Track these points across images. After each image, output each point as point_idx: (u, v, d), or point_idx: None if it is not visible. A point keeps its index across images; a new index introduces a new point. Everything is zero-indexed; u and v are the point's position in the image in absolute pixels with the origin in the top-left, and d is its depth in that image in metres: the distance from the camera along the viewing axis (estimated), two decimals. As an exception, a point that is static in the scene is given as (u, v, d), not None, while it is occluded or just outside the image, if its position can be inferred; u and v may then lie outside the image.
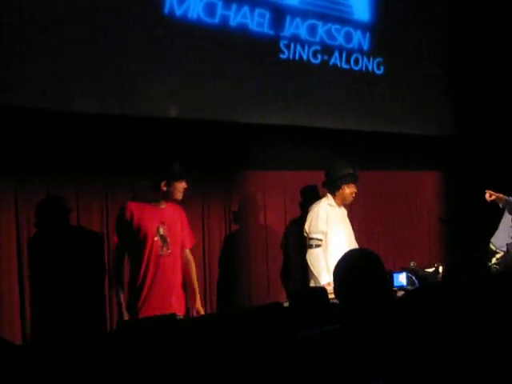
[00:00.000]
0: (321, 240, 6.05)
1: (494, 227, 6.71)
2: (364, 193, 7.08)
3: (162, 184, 4.96)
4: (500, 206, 6.60)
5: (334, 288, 3.01)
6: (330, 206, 6.17)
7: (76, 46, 5.20)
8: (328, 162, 6.46)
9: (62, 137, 5.26)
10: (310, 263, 6.05)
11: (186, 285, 5.25)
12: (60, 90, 5.16)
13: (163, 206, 5.05)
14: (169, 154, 5.56)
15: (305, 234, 6.15)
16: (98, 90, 5.37)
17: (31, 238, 5.24)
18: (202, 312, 5.29)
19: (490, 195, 6.50)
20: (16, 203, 5.17)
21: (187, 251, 5.30)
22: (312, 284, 6.08)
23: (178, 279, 5.13)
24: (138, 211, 4.95)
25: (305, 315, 3.63)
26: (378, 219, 7.58)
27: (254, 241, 6.62)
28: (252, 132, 6.41)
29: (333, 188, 6.19)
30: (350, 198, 6.23)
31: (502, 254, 6.35)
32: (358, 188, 6.25)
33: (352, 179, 6.16)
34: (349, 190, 6.17)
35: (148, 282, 4.94)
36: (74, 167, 5.40)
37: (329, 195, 6.21)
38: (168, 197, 5.02)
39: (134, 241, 4.96)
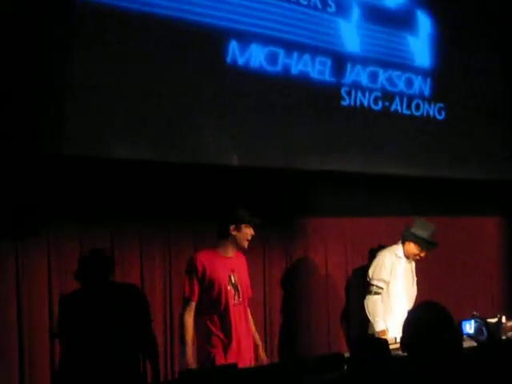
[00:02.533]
0: (381, 288, 6.02)
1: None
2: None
3: (231, 228, 4.95)
4: None
5: (402, 340, 2.99)
6: (397, 256, 6.13)
7: (139, 96, 5.27)
8: (388, 208, 6.44)
9: (124, 185, 5.32)
10: (367, 309, 6.04)
11: None
12: (123, 139, 5.24)
13: (231, 254, 5.04)
14: (230, 201, 5.63)
15: (367, 279, 6.12)
16: (161, 139, 5.44)
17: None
18: (266, 361, 5.27)
19: None
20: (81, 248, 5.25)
21: None
22: (369, 330, 6.05)
23: (250, 328, 5.14)
24: (209, 261, 4.93)
25: (367, 367, 3.60)
26: (439, 266, 7.47)
27: (314, 288, 6.59)
28: (313, 178, 6.41)
29: (403, 239, 6.15)
30: (412, 257, 6.18)
31: None
32: (426, 255, 6.18)
33: (422, 244, 6.09)
34: (413, 250, 6.12)
35: (226, 331, 4.93)
36: (136, 216, 5.46)
37: (400, 244, 6.18)
38: (236, 243, 5.00)
39: (207, 292, 4.93)
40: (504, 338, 5.48)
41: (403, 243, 6.15)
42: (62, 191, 5.00)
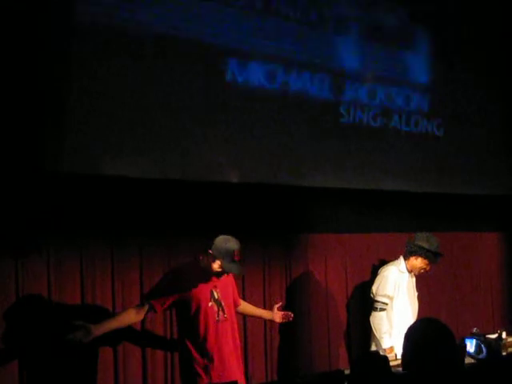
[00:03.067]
0: (386, 304, 6.02)
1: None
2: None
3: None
4: None
5: (402, 357, 3.00)
6: (400, 271, 6.13)
7: (137, 113, 5.29)
8: (387, 224, 6.46)
9: (125, 201, 5.34)
10: (372, 326, 6.02)
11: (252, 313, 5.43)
12: (121, 156, 5.25)
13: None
14: (231, 217, 5.66)
15: (371, 296, 6.12)
16: (160, 156, 5.46)
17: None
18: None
19: None
20: (81, 266, 5.25)
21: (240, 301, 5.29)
22: (373, 347, 6.04)
23: (236, 345, 5.00)
24: (189, 275, 4.84)
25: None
26: (439, 282, 7.49)
27: (314, 304, 6.60)
28: (312, 195, 6.43)
29: (407, 254, 6.15)
30: (416, 271, 6.18)
31: None
32: (431, 268, 6.19)
33: (430, 258, 6.10)
34: (419, 265, 6.12)
35: (207, 350, 4.79)
36: (136, 231, 5.47)
37: (401, 259, 6.18)
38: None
39: (186, 308, 4.82)
40: (504, 353, 5.47)
41: (408, 258, 6.14)
42: (61, 207, 5.02)
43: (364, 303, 6.73)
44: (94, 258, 5.32)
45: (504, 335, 5.67)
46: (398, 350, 5.42)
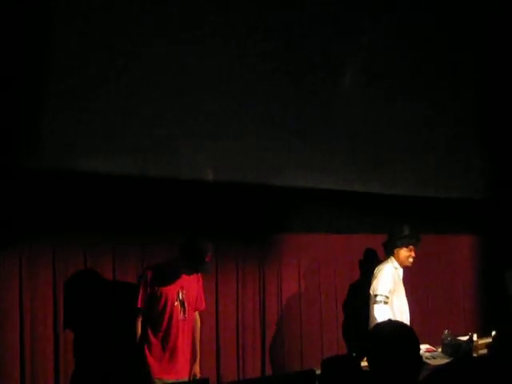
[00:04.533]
0: (388, 297, 6.09)
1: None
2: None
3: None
4: None
5: (368, 356, 3.05)
6: (395, 268, 6.23)
7: (115, 110, 5.32)
8: (361, 225, 6.49)
9: (98, 199, 5.34)
10: (376, 319, 6.02)
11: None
12: (98, 152, 5.25)
13: (184, 270, 5.17)
14: (205, 216, 5.66)
15: (371, 292, 6.17)
16: (138, 154, 5.47)
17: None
18: (198, 376, 5.40)
19: None
20: (54, 265, 5.23)
21: (197, 313, 5.43)
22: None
23: (188, 343, 5.28)
24: (160, 275, 5.10)
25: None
26: (411, 284, 7.53)
27: (288, 304, 6.60)
28: (287, 195, 6.43)
29: (390, 251, 6.26)
30: (406, 262, 6.26)
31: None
32: (416, 251, 6.25)
33: (406, 242, 6.18)
34: (404, 254, 6.21)
35: (164, 343, 5.11)
36: (111, 229, 5.46)
37: (392, 257, 6.26)
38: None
39: (155, 304, 5.10)
40: (475, 355, 5.51)
41: (393, 254, 6.23)
42: (35, 205, 5.01)
43: (337, 303, 6.78)
44: (67, 257, 5.31)
45: (475, 337, 5.73)
46: None
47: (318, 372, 4.12)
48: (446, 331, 5.72)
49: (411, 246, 6.21)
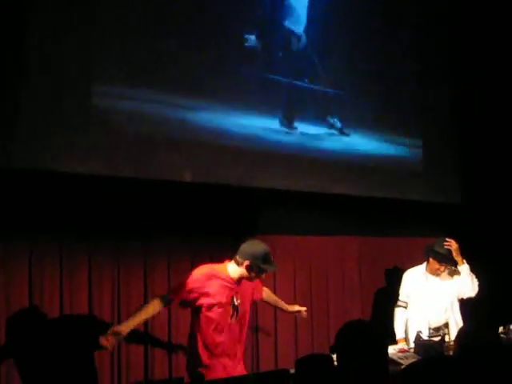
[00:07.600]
0: (404, 302, 6.43)
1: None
2: (365, 259, 7.28)
3: (245, 264, 4.94)
4: None
5: (337, 355, 3.15)
6: (420, 273, 6.41)
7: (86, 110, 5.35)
8: (337, 227, 6.54)
9: (74, 199, 5.34)
10: (394, 321, 6.45)
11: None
12: (72, 152, 5.28)
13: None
14: (182, 217, 5.67)
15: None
16: (113, 154, 5.51)
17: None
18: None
19: None
20: (30, 265, 5.24)
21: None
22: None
23: (240, 348, 5.18)
24: (218, 279, 4.97)
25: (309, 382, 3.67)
26: (376, 286, 7.62)
27: (262, 306, 6.61)
28: (263, 196, 6.47)
29: (426, 257, 6.41)
30: (434, 273, 6.37)
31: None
32: (445, 268, 6.33)
33: (438, 257, 6.27)
34: (434, 265, 6.33)
35: (215, 348, 4.96)
36: (86, 230, 5.48)
37: (425, 263, 6.43)
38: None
39: (208, 308, 4.94)
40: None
41: (426, 260, 6.40)
42: (11, 205, 5.01)
43: (313, 305, 6.81)
44: (43, 257, 5.31)
45: (447, 338, 5.80)
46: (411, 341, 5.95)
47: (292, 371, 4.16)
48: (419, 331, 5.77)
49: (440, 263, 6.31)
